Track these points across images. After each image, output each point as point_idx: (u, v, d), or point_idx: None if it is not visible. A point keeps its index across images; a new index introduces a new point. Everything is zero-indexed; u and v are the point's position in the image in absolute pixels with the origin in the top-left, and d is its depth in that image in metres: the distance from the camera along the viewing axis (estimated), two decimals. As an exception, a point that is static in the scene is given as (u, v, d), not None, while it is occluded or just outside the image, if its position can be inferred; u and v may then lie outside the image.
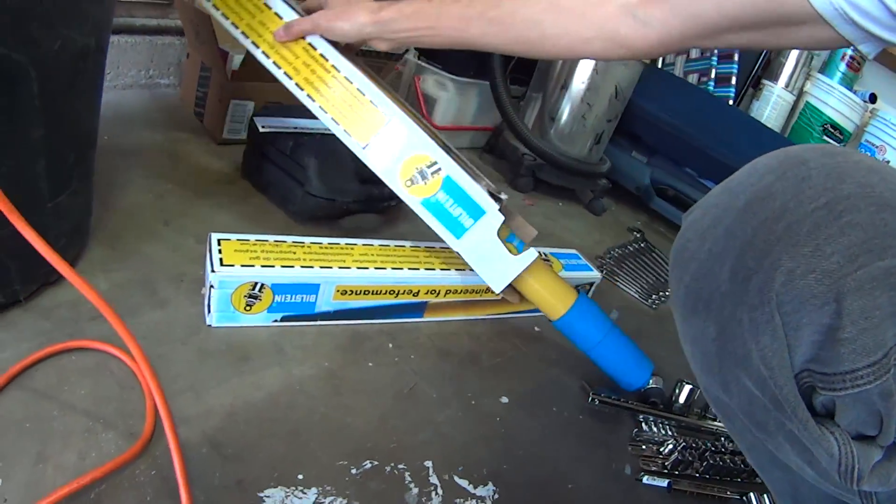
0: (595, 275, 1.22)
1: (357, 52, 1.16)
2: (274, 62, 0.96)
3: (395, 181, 0.93)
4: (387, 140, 0.92)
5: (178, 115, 1.52)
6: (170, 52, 1.64)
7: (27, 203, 0.71)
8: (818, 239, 0.44)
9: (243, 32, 0.98)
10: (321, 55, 0.94)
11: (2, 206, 0.62)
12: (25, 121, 0.71)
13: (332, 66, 0.94)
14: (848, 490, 0.48)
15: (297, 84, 0.95)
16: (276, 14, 0.95)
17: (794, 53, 2.63)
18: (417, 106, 1.83)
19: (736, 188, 0.52)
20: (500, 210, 0.91)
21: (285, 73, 0.96)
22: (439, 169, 0.91)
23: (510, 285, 0.94)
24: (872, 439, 0.46)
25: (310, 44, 0.94)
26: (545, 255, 1.20)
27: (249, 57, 1.29)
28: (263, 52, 0.97)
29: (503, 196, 0.95)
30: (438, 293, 1.00)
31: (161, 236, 1.03)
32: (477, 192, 0.90)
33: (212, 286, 0.84)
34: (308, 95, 0.95)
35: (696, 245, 0.53)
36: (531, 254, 0.92)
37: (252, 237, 0.92)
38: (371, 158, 0.94)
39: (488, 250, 0.91)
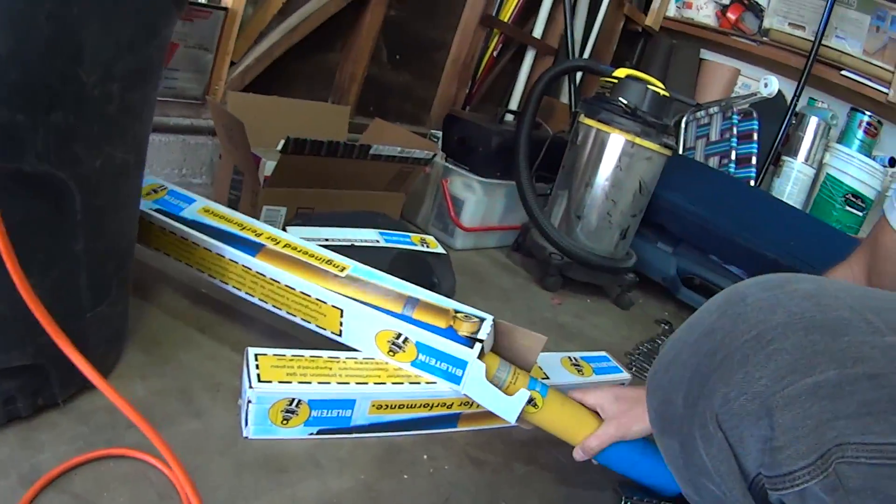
0: (625, 376, 1.25)
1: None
2: (231, 285, 1.08)
3: (380, 355, 1.01)
4: (351, 326, 1.01)
5: (213, 218, 1.58)
6: (202, 152, 1.70)
7: (69, 313, 0.76)
8: (748, 366, 0.52)
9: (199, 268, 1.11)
10: (257, 273, 1.04)
11: (39, 317, 0.65)
12: (68, 235, 0.75)
13: (270, 278, 1.04)
14: None
15: (260, 299, 1.06)
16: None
17: (812, 125, 2.67)
18: (446, 208, 1.88)
19: (694, 324, 0.61)
20: (479, 355, 0.95)
21: (246, 293, 1.07)
22: (406, 338, 0.98)
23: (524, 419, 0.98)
24: None
25: (244, 265, 1.05)
26: (575, 360, 1.23)
27: (283, 162, 1.35)
28: (209, 276, 1.09)
29: (482, 336, 0.97)
30: (471, 404, 1.03)
31: (198, 343, 1.07)
32: (450, 348, 0.96)
33: (249, 401, 0.87)
34: (274, 306, 1.05)
35: (661, 376, 0.62)
36: (523, 395, 0.94)
37: (289, 352, 0.96)
38: (350, 342, 1.02)
39: (487, 392, 0.95)
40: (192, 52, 1.59)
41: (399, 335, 0.98)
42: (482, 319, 1.00)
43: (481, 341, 0.96)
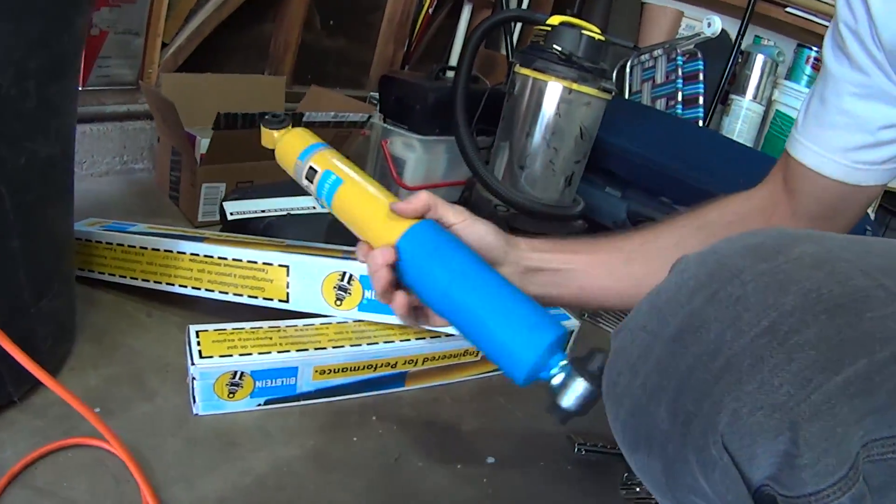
0: (574, 323, 1.26)
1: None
2: (177, 284, 1.09)
3: (328, 308, 1.04)
4: (295, 283, 1.03)
5: (155, 201, 1.59)
6: (141, 137, 1.71)
7: (11, 311, 0.77)
8: (763, 372, 0.41)
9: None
10: (205, 256, 1.06)
11: None
12: (1, 233, 0.75)
13: (217, 257, 1.06)
14: None
15: (206, 289, 1.07)
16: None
17: (758, 63, 2.69)
18: (388, 169, 1.89)
19: (665, 307, 0.48)
20: None
21: (192, 287, 1.08)
22: (350, 276, 1.02)
23: None
24: None
25: (193, 253, 1.07)
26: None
27: (216, 139, 1.35)
28: (155, 282, 1.10)
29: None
30: (416, 362, 1.05)
31: (145, 328, 1.09)
32: None
33: (194, 378, 0.89)
34: (220, 292, 1.06)
35: (628, 379, 0.48)
36: None
37: (229, 326, 0.97)
38: (297, 306, 1.04)
39: None
40: (122, 38, 1.58)
41: (343, 274, 1.02)
42: None
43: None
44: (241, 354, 0.91)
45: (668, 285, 0.49)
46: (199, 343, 0.92)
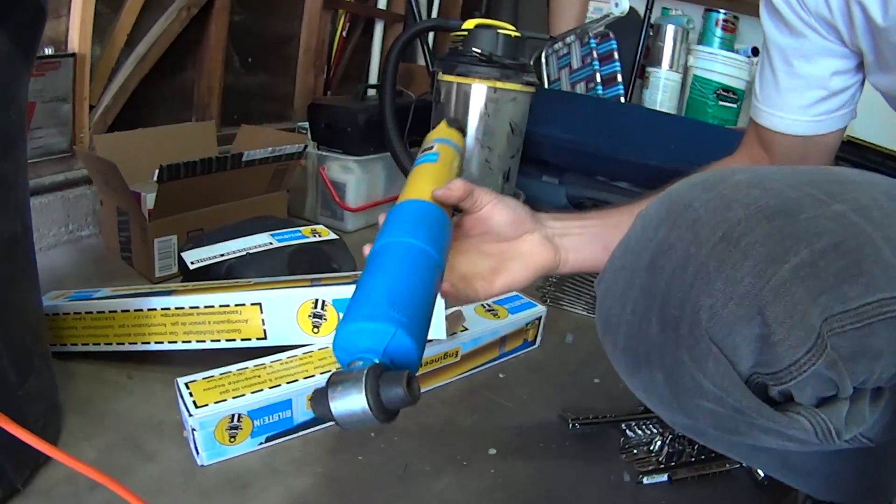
0: (540, 309, 1.32)
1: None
2: (153, 342, 1.12)
3: (307, 337, 1.08)
4: (270, 319, 1.07)
5: (109, 264, 1.61)
6: (84, 203, 1.71)
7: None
8: (726, 270, 0.50)
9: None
10: (177, 308, 1.09)
11: None
12: None
13: (189, 307, 1.08)
14: (833, 445, 0.53)
15: (182, 342, 1.10)
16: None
17: (669, 33, 2.78)
18: (329, 195, 1.93)
19: (636, 246, 0.57)
20: None
21: (168, 341, 1.11)
22: (323, 301, 1.06)
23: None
24: (835, 397, 0.52)
25: (164, 308, 1.09)
26: (488, 305, 1.29)
27: (162, 192, 1.38)
28: (131, 344, 1.13)
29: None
30: (403, 371, 1.09)
31: (128, 391, 1.11)
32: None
33: (193, 429, 0.91)
34: (197, 341, 1.10)
35: (619, 310, 0.57)
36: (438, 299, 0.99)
37: (216, 371, 1.00)
38: (276, 341, 1.08)
39: None
40: (51, 106, 1.58)
41: (316, 301, 1.06)
42: None
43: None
44: (234, 397, 0.94)
45: (634, 230, 0.59)
46: (191, 394, 0.95)
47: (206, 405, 0.93)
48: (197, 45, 2.02)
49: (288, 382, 0.98)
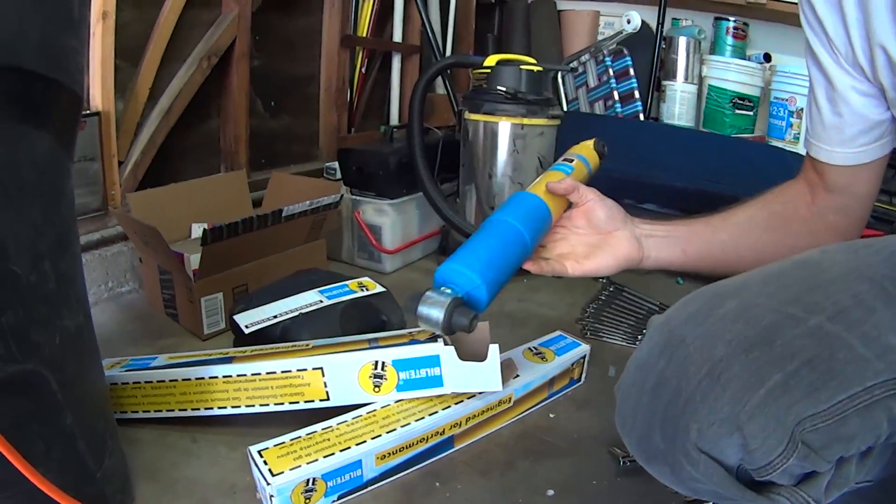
0: (584, 349, 1.37)
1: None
2: (216, 407, 1.17)
3: (368, 397, 1.14)
4: (332, 382, 1.13)
5: (154, 321, 1.65)
6: (121, 260, 1.76)
7: (79, 483, 0.83)
8: (709, 401, 0.61)
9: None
10: (238, 376, 1.14)
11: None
12: (55, 415, 0.80)
13: (251, 374, 1.14)
14: None
15: (246, 406, 1.16)
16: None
17: (682, 45, 2.83)
18: (366, 238, 1.99)
19: (644, 367, 0.69)
20: (445, 343, 1.10)
21: (232, 406, 1.16)
22: (383, 363, 1.12)
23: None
24: (815, 473, 0.63)
25: (226, 375, 1.15)
26: (535, 349, 1.35)
27: (206, 254, 1.44)
28: (193, 410, 1.18)
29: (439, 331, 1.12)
30: (461, 423, 1.15)
31: (195, 455, 1.14)
32: (421, 350, 1.12)
33: (272, 496, 0.96)
34: (261, 405, 1.15)
35: (631, 420, 0.70)
36: (494, 350, 1.10)
37: (286, 437, 1.05)
38: (340, 401, 1.14)
39: (467, 373, 1.11)
40: (80, 167, 1.63)
41: (376, 363, 1.12)
42: None
43: (440, 336, 1.09)
44: (308, 462, 1.00)
45: (642, 350, 0.71)
46: (265, 462, 1.00)
47: (282, 472, 0.98)
48: (220, 93, 2.09)
49: (357, 444, 1.04)
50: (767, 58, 2.89)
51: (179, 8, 1.85)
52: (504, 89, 1.75)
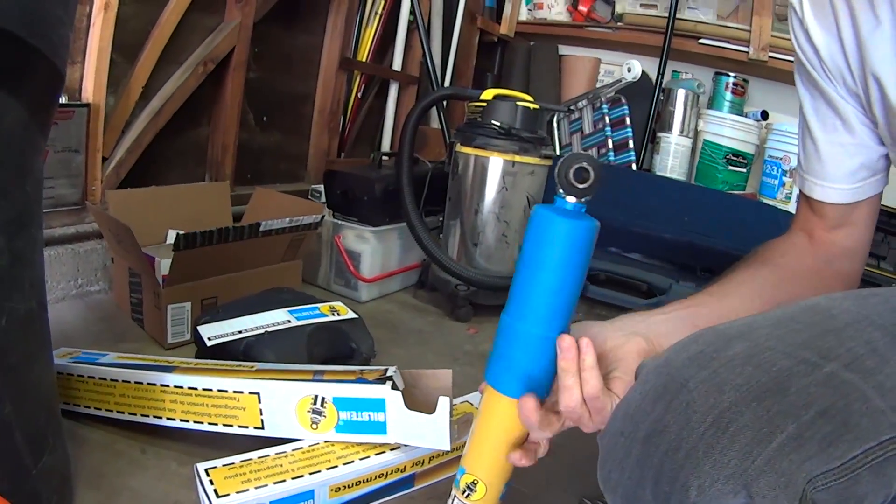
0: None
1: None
2: (151, 415, 1.12)
3: (304, 433, 1.06)
4: (270, 411, 1.07)
5: (119, 324, 1.61)
6: (94, 258, 1.72)
7: (13, 477, 0.78)
8: (714, 455, 0.54)
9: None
10: (175, 387, 1.10)
11: None
12: None
13: (188, 388, 1.09)
14: None
15: (181, 420, 1.10)
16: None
17: (680, 98, 2.82)
18: (344, 264, 1.96)
19: (635, 415, 0.62)
20: (392, 387, 1.03)
21: (167, 418, 1.11)
22: (323, 399, 1.05)
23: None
24: None
25: (163, 384, 1.11)
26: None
27: (178, 260, 1.39)
28: (130, 414, 1.13)
29: (391, 373, 1.07)
30: (423, 462, 1.10)
31: (142, 466, 1.09)
32: (365, 391, 1.04)
33: (214, 518, 0.92)
34: (195, 422, 1.09)
35: (617, 475, 0.63)
36: (444, 403, 1.00)
37: (237, 458, 1.00)
38: (273, 432, 1.07)
39: (414, 425, 1.02)
40: (63, 157, 1.60)
41: (315, 398, 1.05)
42: (387, 368, 1.10)
43: (391, 378, 1.04)
44: (256, 487, 0.95)
45: (633, 395, 0.64)
46: (212, 482, 0.95)
47: (228, 494, 0.93)
48: (212, 101, 2.06)
49: (311, 473, 0.99)
50: (765, 115, 2.90)
51: (182, 9, 1.83)
52: (498, 124, 1.73)
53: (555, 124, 2.85)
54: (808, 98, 0.91)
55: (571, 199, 0.70)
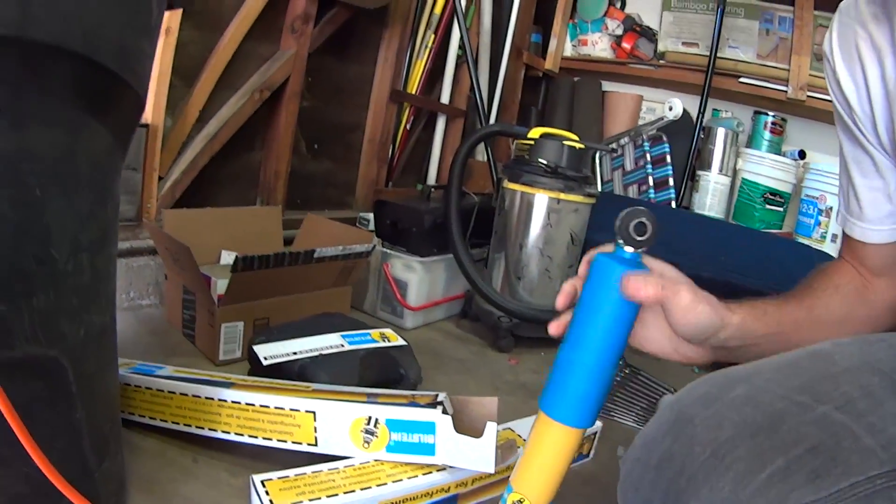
0: (597, 425, 1.37)
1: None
2: (207, 428, 1.17)
3: (357, 451, 1.12)
4: (322, 428, 1.12)
5: (170, 339, 1.66)
6: (146, 273, 1.78)
7: (78, 477, 0.80)
8: (711, 481, 0.60)
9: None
10: (233, 402, 1.14)
11: (64, 490, 0.73)
12: (67, 406, 0.80)
13: (245, 403, 1.14)
14: None
15: (235, 433, 1.15)
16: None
17: (720, 137, 2.85)
18: (391, 292, 2.01)
19: (650, 444, 0.69)
20: (443, 412, 1.08)
21: (222, 431, 1.16)
22: (376, 420, 1.10)
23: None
24: None
25: (221, 399, 1.15)
26: (547, 420, 1.35)
27: (234, 281, 1.45)
28: (185, 426, 1.18)
29: (441, 398, 1.13)
30: (466, 484, 1.15)
31: (194, 475, 1.13)
32: (416, 414, 1.09)
33: (269, 529, 0.97)
34: (249, 436, 1.14)
35: (633, 493, 0.70)
36: (491, 428, 1.07)
37: (291, 472, 1.05)
38: (326, 449, 1.12)
39: (461, 448, 1.08)
40: (123, 174, 1.62)
41: (369, 418, 1.11)
42: (437, 394, 1.15)
43: (441, 403, 1.10)
44: (310, 500, 1.00)
45: (651, 427, 0.71)
46: (267, 493, 1.00)
47: (284, 505, 0.99)
48: (266, 128, 2.13)
49: (362, 489, 1.04)
50: (802, 154, 2.91)
51: (240, 37, 1.91)
52: (545, 162, 1.78)
53: (597, 160, 2.90)
54: (845, 141, 0.94)
55: (630, 249, 0.76)
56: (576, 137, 1.84)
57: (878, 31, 0.84)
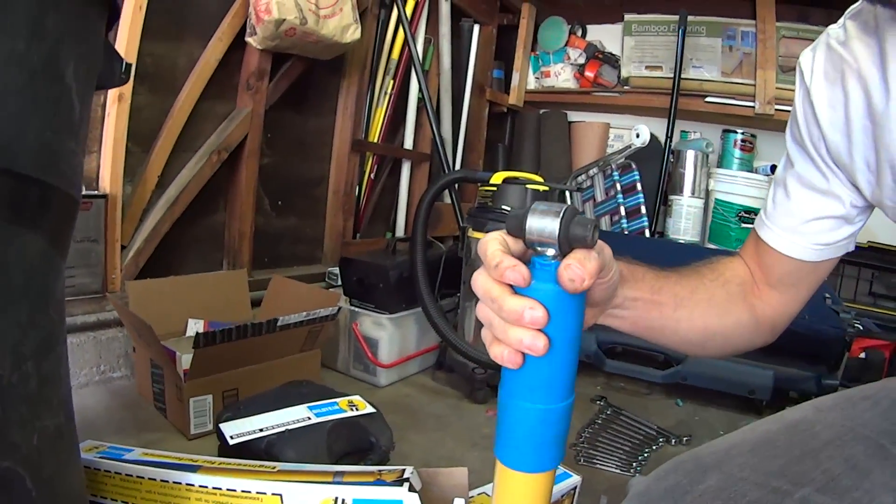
0: (575, 480, 1.35)
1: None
2: None
3: None
4: None
5: (142, 413, 1.64)
6: (115, 345, 1.76)
7: None
8: None
9: None
10: (200, 486, 1.12)
11: None
12: None
13: (212, 488, 1.12)
14: None
15: None
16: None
17: (690, 159, 2.86)
18: (362, 350, 1.99)
19: None
20: (410, 489, 1.05)
21: None
22: (343, 500, 1.08)
23: None
24: None
25: (188, 483, 1.13)
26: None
27: (198, 356, 1.44)
28: None
29: (408, 474, 1.10)
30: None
31: None
32: (383, 493, 1.06)
33: None
34: None
35: None
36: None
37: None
38: None
39: None
40: (83, 247, 1.64)
41: (336, 499, 1.08)
42: (404, 469, 1.12)
43: (408, 479, 1.07)
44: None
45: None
46: None
47: None
48: (228, 188, 2.12)
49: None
50: (774, 170, 2.90)
51: (195, 98, 1.89)
52: (509, 209, 1.77)
53: (567, 194, 2.89)
54: (797, 154, 0.87)
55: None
56: (539, 179, 1.83)
57: (866, 61, 0.76)
